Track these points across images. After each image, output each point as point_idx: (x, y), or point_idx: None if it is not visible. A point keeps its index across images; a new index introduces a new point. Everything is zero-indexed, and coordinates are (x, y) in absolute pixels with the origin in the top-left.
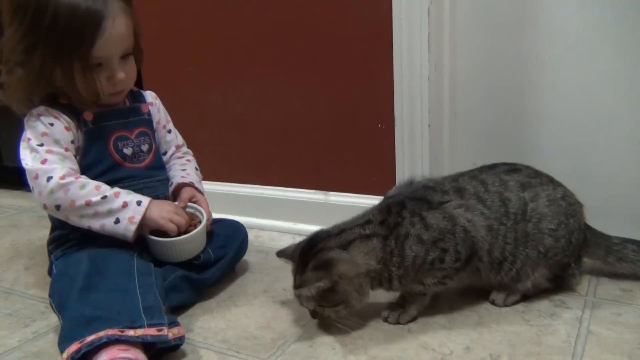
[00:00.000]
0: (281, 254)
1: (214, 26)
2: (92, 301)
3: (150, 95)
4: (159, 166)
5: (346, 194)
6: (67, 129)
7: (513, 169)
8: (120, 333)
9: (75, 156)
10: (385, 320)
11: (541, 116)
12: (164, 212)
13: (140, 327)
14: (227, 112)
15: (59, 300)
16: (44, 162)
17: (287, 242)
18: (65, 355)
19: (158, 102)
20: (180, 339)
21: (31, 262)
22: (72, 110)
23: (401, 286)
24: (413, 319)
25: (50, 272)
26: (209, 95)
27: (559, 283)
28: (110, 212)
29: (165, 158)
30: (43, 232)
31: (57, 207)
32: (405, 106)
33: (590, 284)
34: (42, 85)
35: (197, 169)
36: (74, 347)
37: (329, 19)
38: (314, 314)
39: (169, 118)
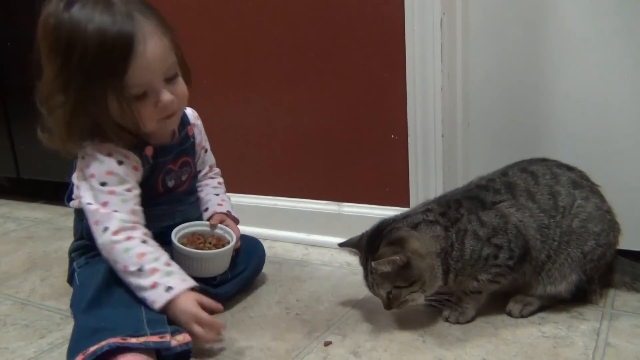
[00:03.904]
0: (344, 244)
1: (227, 39)
2: (97, 314)
3: (192, 115)
4: (192, 191)
5: (360, 205)
6: (135, 168)
7: (567, 166)
8: (122, 341)
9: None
10: (447, 320)
11: (555, 125)
12: (188, 314)
13: (142, 335)
14: (240, 124)
15: (76, 312)
16: (105, 204)
17: (300, 253)
18: None
19: (199, 122)
20: (187, 344)
21: (47, 274)
22: (135, 146)
23: (456, 282)
24: (472, 319)
25: (71, 280)
26: (223, 107)
27: (579, 295)
28: (139, 288)
29: (198, 176)
30: (59, 244)
31: (107, 257)
32: (419, 116)
33: (608, 296)
34: (83, 124)
35: (225, 192)
36: (78, 359)
37: (342, 31)
38: (388, 303)
39: (206, 137)
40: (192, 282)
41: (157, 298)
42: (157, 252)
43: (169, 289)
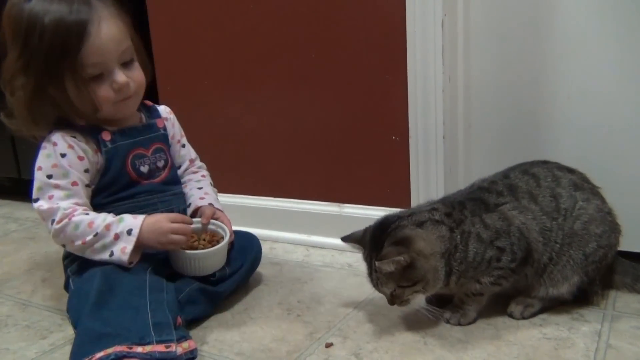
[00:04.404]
0: (347, 239)
1: (229, 40)
2: (102, 317)
3: (164, 110)
4: (174, 181)
5: (360, 206)
6: (81, 158)
7: (567, 168)
8: (128, 350)
9: (91, 183)
10: (447, 321)
11: (557, 127)
12: (160, 233)
13: (148, 343)
14: (241, 124)
15: (74, 317)
16: (50, 197)
17: (301, 254)
18: None
19: (172, 116)
20: (192, 352)
21: (48, 275)
22: (90, 132)
23: (457, 285)
24: (474, 321)
25: (66, 287)
26: (224, 108)
27: (580, 297)
28: (104, 247)
29: (179, 172)
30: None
31: (64, 245)
32: (420, 118)
33: (609, 297)
34: (44, 107)
35: (211, 184)
36: None
37: (343, 31)
38: (392, 299)
39: (183, 132)
40: (142, 216)
41: (126, 243)
42: (101, 214)
43: (130, 231)
